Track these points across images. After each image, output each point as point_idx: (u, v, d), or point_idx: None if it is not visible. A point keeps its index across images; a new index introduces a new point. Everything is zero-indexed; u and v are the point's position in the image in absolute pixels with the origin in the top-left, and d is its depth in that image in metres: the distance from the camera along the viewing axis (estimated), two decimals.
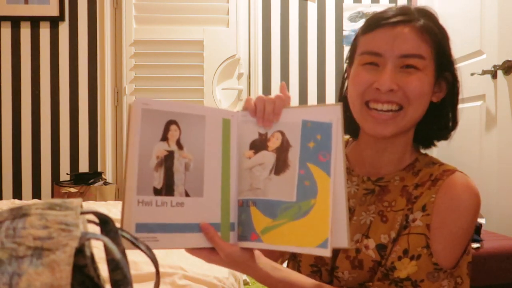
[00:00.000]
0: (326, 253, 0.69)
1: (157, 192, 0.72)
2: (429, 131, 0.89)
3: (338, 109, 0.74)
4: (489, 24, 2.10)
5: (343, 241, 0.72)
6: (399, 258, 0.79)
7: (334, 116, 0.74)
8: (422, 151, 0.92)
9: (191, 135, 0.75)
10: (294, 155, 0.75)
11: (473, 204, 0.79)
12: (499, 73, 2.02)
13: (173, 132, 0.74)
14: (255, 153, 0.77)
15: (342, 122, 0.73)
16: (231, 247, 0.73)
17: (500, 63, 2.00)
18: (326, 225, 0.70)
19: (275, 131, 0.77)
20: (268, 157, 0.76)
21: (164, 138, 0.74)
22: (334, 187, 0.72)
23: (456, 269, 0.79)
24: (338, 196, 0.73)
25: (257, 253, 0.77)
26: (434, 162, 0.87)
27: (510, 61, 1.96)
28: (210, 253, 0.74)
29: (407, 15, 0.82)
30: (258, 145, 0.78)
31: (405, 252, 0.79)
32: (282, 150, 0.76)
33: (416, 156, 0.89)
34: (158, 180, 0.72)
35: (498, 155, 2.03)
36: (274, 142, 0.77)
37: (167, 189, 0.72)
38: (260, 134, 0.78)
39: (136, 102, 0.73)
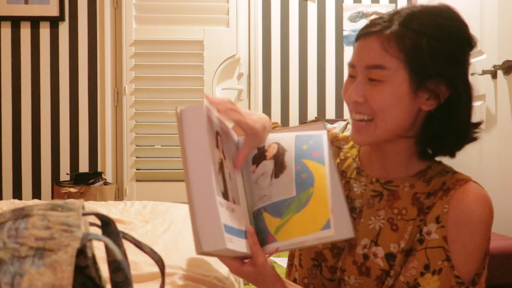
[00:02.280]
0: (330, 233, 0.74)
1: (224, 195, 0.72)
2: (429, 140, 0.83)
3: (322, 125, 0.87)
4: (489, 24, 2.10)
5: (348, 232, 0.79)
6: (422, 274, 0.77)
7: (323, 128, 0.87)
8: (436, 158, 0.87)
9: (227, 148, 0.79)
10: (289, 157, 0.82)
11: (486, 217, 0.77)
12: (499, 73, 2.02)
13: (220, 143, 0.76)
14: (257, 166, 0.83)
15: (328, 133, 0.86)
16: (266, 257, 0.76)
17: (500, 63, 2.00)
18: (326, 207, 0.75)
19: (272, 142, 0.85)
20: (267, 165, 0.82)
21: (217, 146, 0.75)
22: (330, 175, 0.79)
23: (478, 286, 0.78)
24: (335, 187, 0.80)
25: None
26: (447, 170, 0.85)
27: (510, 61, 1.96)
28: (241, 265, 0.76)
29: (379, 25, 0.79)
30: (258, 158, 0.84)
31: (426, 267, 0.77)
32: (279, 155, 0.83)
33: (428, 163, 0.86)
34: (222, 184, 0.72)
35: (498, 155, 2.03)
36: (271, 151, 0.83)
37: (225, 193, 0.73)
38: (258, 149, 0.85)
39: (201, 107, 0.72)
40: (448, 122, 0.81)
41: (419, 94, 0.79)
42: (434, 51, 0.77)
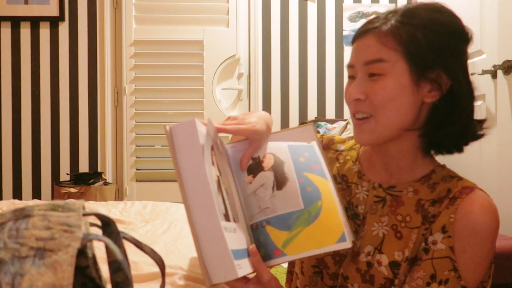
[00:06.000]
0: (347, 245, 0.73)
1: (225, 217, 0.67)
2: (433, 132, 0.81)
3: (311, 129, 0.86)
4: (489, 24, 2.10)
5: (350, 242, 0.76)
6: (428, 284, 0.77)
7: (312, 136, 0.85)
8: (439, 161, 0.87)
9: (221, 162, 0.74)
10: (289, 168, 0.79)
11: (493, 227, 0.76)
12: (499, 73, 2.02)
13: (214, 158, 0.70)
14: (254, 177, 0.79)
15: (318, 139, 0.85)
16: (270, 274, 0.73)
17: (500, 63, 2.00)
18: (338, 221, 0.75)
19: (266, 153, 0.81)
20: (267, 177, 0.78)
21: (213, 162, 0.69)
22: (333, 188, 0.78)
23: None
24: (338, 200, 0.78)
25: None
26: (452, 175, 0.84)
27: (510, 61, 1.96)
28: (245, 284, 0.73)
29: (374, 23, 0.80)
30: (255, 168, 0.80)
31: (433, 277, 0.77)
32: (277, 166, 0.79)
33: (432, 167, 0.85)
34: (222, 205, 0.67)
35: (498, 155, 2.04)
36: (268, 162, 0.80)
37: (226, 214, 0.68)
38: (253, 159, 0.81)
39: (192, 124, 0.66)
40: (452, 113, 0.80)
41: (421, 85, 0.78)
42: (432, 42, 0.77)
